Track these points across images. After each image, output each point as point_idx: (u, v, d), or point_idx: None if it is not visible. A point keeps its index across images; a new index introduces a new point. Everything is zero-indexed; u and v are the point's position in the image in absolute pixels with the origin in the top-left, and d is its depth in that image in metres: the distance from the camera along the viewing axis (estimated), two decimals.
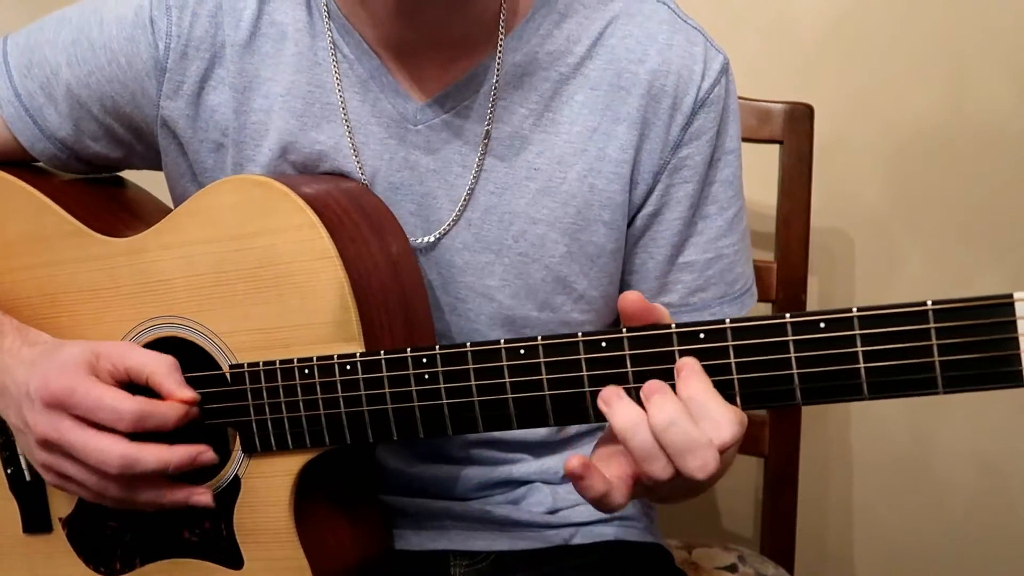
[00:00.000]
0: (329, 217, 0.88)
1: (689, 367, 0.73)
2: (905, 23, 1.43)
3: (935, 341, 0.67)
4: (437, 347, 0.81)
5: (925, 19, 1.42)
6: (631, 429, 0.72)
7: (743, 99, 1.11)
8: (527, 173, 0.96)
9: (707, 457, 0.70)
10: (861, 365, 0.69)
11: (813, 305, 1.49)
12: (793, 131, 1.33)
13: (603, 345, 0.76)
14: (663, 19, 0.98)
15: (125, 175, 1.11)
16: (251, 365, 0.88)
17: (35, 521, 1.01)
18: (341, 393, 0.85)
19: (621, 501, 0.75)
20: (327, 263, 0.86)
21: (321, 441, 0.87)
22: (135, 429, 0.86)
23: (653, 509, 1.15)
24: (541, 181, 0.96)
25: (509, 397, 0.79)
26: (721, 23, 1.15)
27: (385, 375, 0.83)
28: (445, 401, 0.81)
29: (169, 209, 1.04)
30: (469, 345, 0.80)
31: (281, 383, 0.87)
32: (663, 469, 0.72)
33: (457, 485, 1.04)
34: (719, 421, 0.71)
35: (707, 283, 1.00)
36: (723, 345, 0.73)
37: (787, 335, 0.71)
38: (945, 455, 1.55)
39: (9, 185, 1.01)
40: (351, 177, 0.97)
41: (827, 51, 1.45)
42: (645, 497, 0.78)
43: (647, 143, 0.96)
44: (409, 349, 0.82)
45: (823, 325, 0.70)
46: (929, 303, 0.67)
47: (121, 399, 0.86)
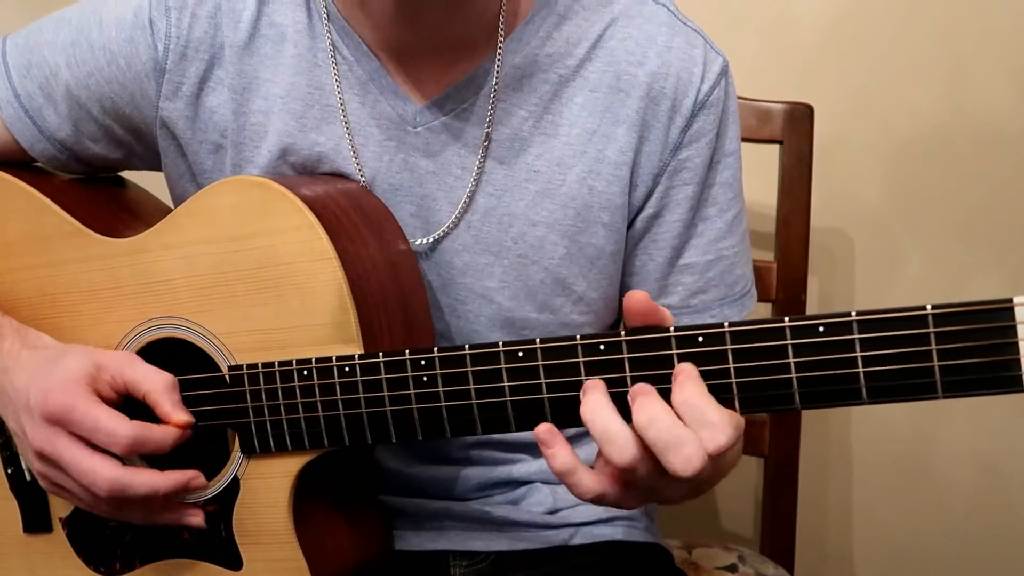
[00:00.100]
0: (328, 218, 0.88)
1: (686, 372, 0.73)
2: (905, 23, 1.43)
3: (935, 346, 0.67)
4: (436, 349, 0.81)
5: (925, 19, 1.42)
6: (592, 418, 0.73)
7: (743, 99, 1.11)
8: (526, 175, 0.96)
9: (690, 453, 0.69)
10: (860, 370, 0.69)
11: (813, 305, 1.49)
12: (793, 131, 1.33)
13: (601, 348, 0.76)
14: (662, 21, 0.97)
15: (125, 175, 1.11)
16: (250, 366, 0.88)
17: (35, 521, 1.01)
18: (340, 395, 0.85)
19: (589, 485, 0.74)
20: (326, 264, 0.86)
21: (320, 443, 0.87)
22: (130, 454, 0.87)
23: (653, 509, 1.15)
24: (540, 183, 0.96)
25: (507, 400, 0.79)
26: (721, 23, 1.15)
27: (384, 377, 0.83)
28: (443, 404, 0.81)
29: (169, 209, 1.04)
30: (468, 347, 0.80)
31: (280, 384, 0.87)
32: (642, 465, 0.72)
33: (456, 485, 1.04)
34: (715, 424, 0.70)
35: (707, 285, 1.00)
36: (722, 349, 0.72)
37: (786, 339, 0.70)
38: (945, 455, 1.55)
39: (9, 185, 1.01)
40: (351, 178, 0.97)
41: (827, 51, 1.45)
42: (636, 497, 0.77)
43: (646, 145, 0.96)
44: (408, 351, 0.82)
45: (822, 329, 0.69)
46: (929, 307, 0.67)
47: (117, 423, 0.86)
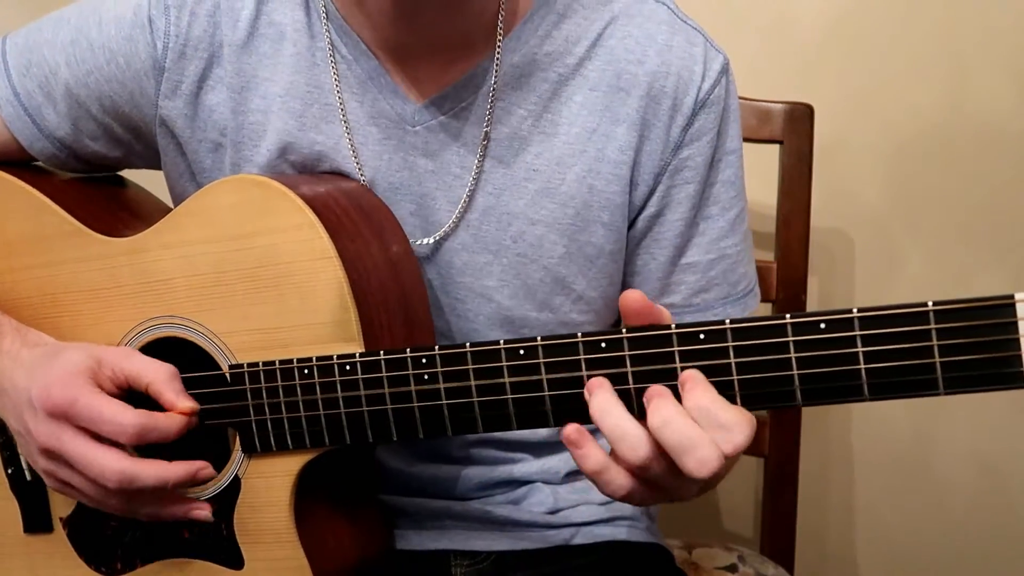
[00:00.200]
0: (328, 217, 0.88)
1: (693, 379, 0.72)
2: (905, 23, 1.43)
3: (936, 342, 0.67)
4: (436, 347, 0.81)
5: (925, 19, 1.42)
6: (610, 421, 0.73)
7: (743, 99, 1.11)
8: (526, 174, 0.96)
9: (705, 455, 0.69)
10: (862, 366, 0.69)
11: (813, 305, 1.49)
12: (793, 131, 1.33)
13: (603, 345, 0.75)
14: (663, 20, 0.97)
15: (125, 174, 1.11)
16: (251, 365, 0.88)
17: (36, 521, 1.00)
18: (341, 393, 0.85)
19: (622, 483, 0.74)
20: (327, 263, 0.86)
21: (321, 441, 0.87)
22: (137, 443, 0.86)
23: (654, 509, 1.15)
24: (540, 182, 0.96)
25: (508, 397, 0.79)
26: (721, 23, 1.15)
27: (384, 375, 0.83)
28: (445, 401, 0.81)
29: (169, 208, 1.04)
30: (468, 345, 0.80)
31: (281, 383, 0.87)
32: (656, 463, 0.72)
33: (457, 485, 1.04)
34: (729, 426, 0.70)
35: (710, 284, 1.00)
36: (723, 346, 0.72)
37: (787, 336, 0.70)
38: (945, 455, 1.55)
39: (9, 185, 1.01)
40: (351, 177, 0.97)
41: (827, 51, 1.45)
42: (655, 495, 0.77)
43: (647, 144, 0.96)
44: (408, 349, 0.82)
45: (824, 326, 0.69)
46: (930, 304, 0.67)
47: (123, 412, 0.85)
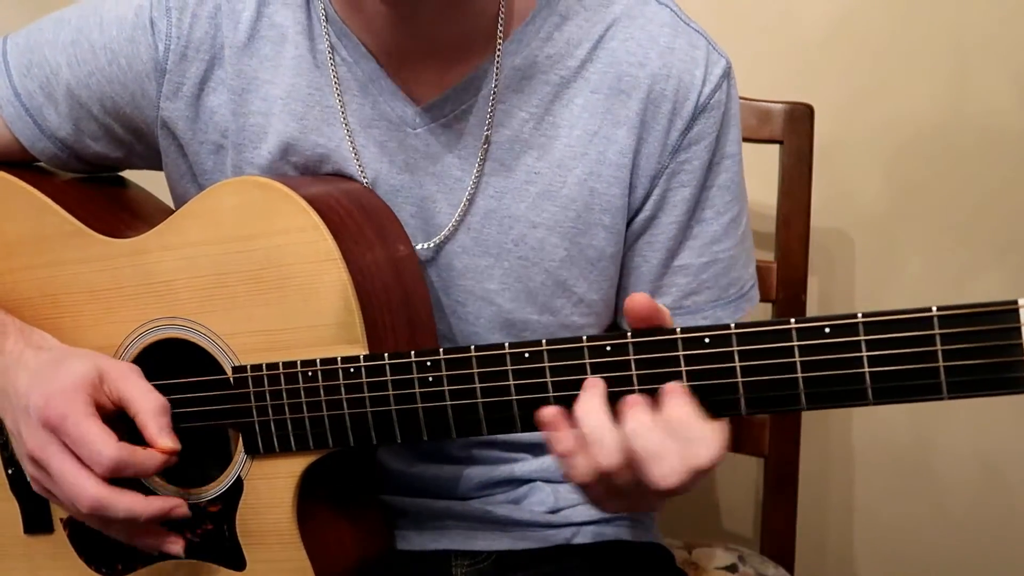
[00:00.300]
0: (332, 219, 0.88)
1: (672, 391, 0.74)
2: (905, 23, 1.43)
3: (940, 347, 0.67)
4: (441, 351, 0.81)
5: (925, 19, 1.42)
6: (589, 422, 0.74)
7: (743, 99, 1.11)
8: (527, 177, 0.96)
9: (671, 466, 0.72)
10: (866, 370, 0.69)
11: (813, 305, 1.49)
12: (793, 131, 1.33)
13: (607, 349, 0.76)
14: (665, 22, 0.97)
15: (126, 175, 1.11)
16: (254, 367, 0.88)
17: (36, 521, 1.00)
18: (344, 395, 0.85)
19: (583, 470, 0.75)
20: (331, 265, 0.86)
21: (324, 443, 0.87)
22: (112, 475, 0.85)
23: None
24: (541, 185, 0.96)
25: (513, 400, 0.79)
26: (722, 23, 1.15)
27: (389, 378, 0.83)
28: (449, 404, 0.81)
29: (170, 209, 1.04)
30: (473, 349, 0.80)
31: (284, 386, 0.87)
32: (623, 473, 0.73)
33: (458, 485, 1.04)
34: (698, 441, 0.72)
35: (701, 287, 1.00)
36: (728, 350, 0.73)
37: (792, 340, 0.71)
38: (946, 455, 1.55)
39: (10, 185, 1.01)
40: (353, 179, 0.97)
41: (827, 51, 1.45)
42: (613, 501, 0.80)
43: (645, 147, 0.96)
44: (413, 352, 0.82)
45: (828, 330, 0.70)
46: (934, 309, 0.67)
47: (104, 442, 0.85)
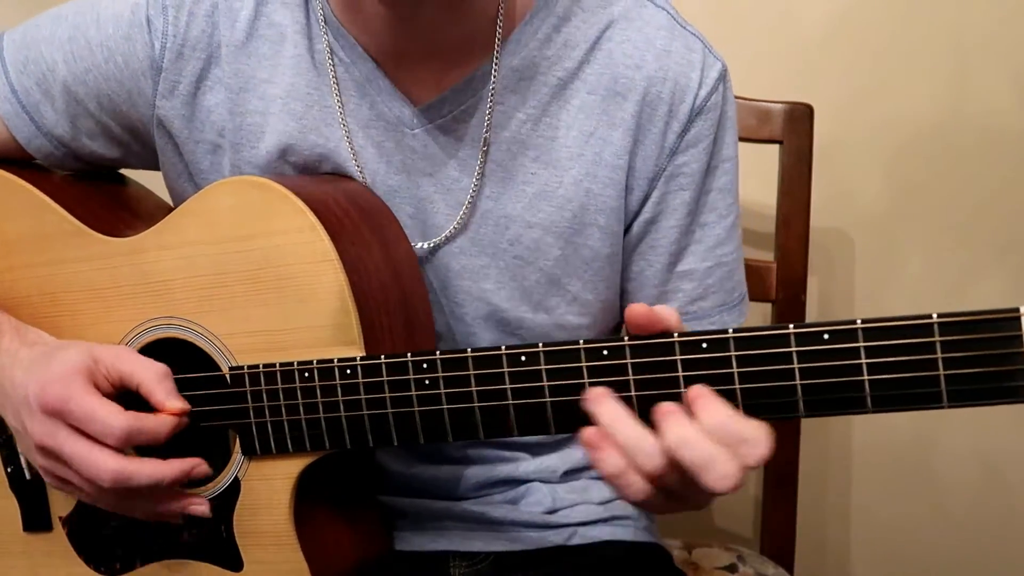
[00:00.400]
0: (329, 219, 0.87)
1: (703, 395, 0.71)
2: (905, 23, 1.43)
3: (940, 355, 0.67)
4: (438, 353, 0.81)
5: (925, 19, 1.42)
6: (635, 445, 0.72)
7: (743, 99, 1.11)
8: (524, 178, 0.96)
9: (726, 471, 0.69)
10: (865, 378, 0.69)
11: (813, 305, 1.49)
12: (793, 131, 1.33)
13: (605, 353, 0.75)
14: (662, 25, 0.97)
15: (125, 173, 1.10)
16: (251, 367, 0.88)
17: (35, 520, 1.00)
18: (341, 397, 0.85)
19: (641, 486, 0.72)
20: (328, 266, 0.86)
21: (321, 445, 0.87)
22: (125, 445, 0.85)
23: None
24: (538, 185, 0.96)
25: (510, 403, 0.79)
26: (721, 23, 1.15)
27: (385, 380, 0.83)
28: (445, 406, 0.81)
29: (170, 207, 1.04)
30: (470, 351, 0.80)
31: (281, 386, 0.87)
32: (670, 474, 0.71)
33: (456, 485, 1.04)
34: (753, 440, 0.70)
35: (707, 292, 1.00)
36: (726, 355, 0.72)
37: (790, 346, 0.70)
38: (946, 456, 1.55)
39: (9, 184, 1.00)
40: (352, 179, 0.97)
41: (827, 51, 1.45)
42: (671, 503, 0.77)
43: (641, 149, 0.96)
44: (410, 354, 0.82)
45: (827, 337, 0.69)
46: (934, 316, 0.67)
47: (112, 414, 0.85)
